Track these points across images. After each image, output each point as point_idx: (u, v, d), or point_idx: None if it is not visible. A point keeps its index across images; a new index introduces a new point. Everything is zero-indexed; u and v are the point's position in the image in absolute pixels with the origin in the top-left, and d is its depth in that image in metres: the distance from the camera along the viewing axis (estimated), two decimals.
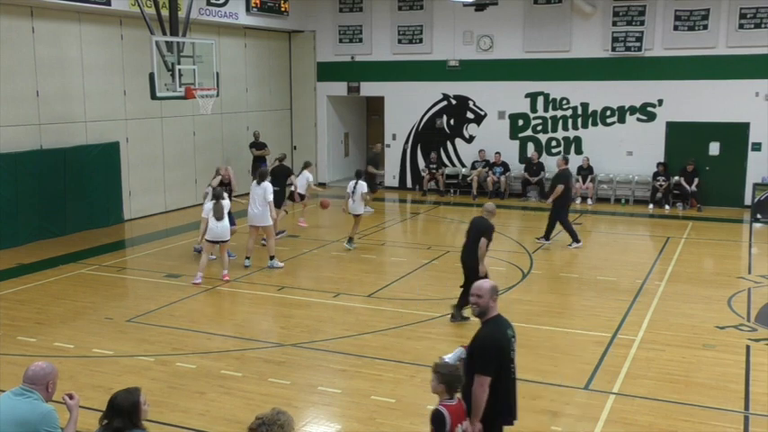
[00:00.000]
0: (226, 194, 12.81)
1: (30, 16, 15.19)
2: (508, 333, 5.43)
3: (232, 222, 13.22)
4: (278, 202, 14.95)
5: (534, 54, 20.63)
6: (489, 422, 5.31)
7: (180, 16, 14.62)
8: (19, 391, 4.73)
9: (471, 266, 9.95)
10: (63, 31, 15.92)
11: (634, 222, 18.31)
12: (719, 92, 18.89)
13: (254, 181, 13.60)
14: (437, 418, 4.95)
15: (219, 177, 14.10)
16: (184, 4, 14.99)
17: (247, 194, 13.99)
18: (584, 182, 20.08)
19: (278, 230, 15.05)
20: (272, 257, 13.39)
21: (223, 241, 12.44)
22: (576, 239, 14.71)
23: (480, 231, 9.96)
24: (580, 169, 20.18)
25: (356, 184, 15.15)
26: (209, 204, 12.42)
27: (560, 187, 14.60)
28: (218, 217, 12.19)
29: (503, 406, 5.38)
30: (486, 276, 9.39)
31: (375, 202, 21.27)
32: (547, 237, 14.88)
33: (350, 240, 14.83)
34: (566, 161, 15.26)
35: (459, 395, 5.10)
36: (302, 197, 16.61)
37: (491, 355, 5.24)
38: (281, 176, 15.81)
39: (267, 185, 13.27)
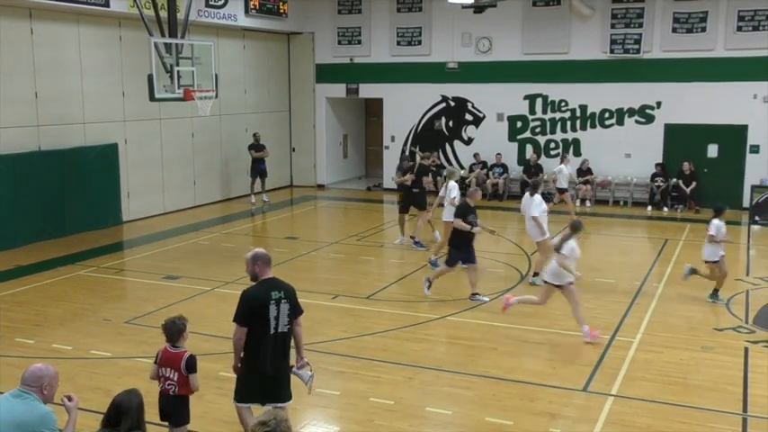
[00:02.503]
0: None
1: (28, 18, 15.19)
2: (272, 294, 6.18)
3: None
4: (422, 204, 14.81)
5: (533, 56, 20.65)
6: (245, 370, 6.33)
7: (179, 18, 14.61)
8: (17, 392, 4.72)
9: None
10: (61, 32, 15.92)
11: (632, 224, 18.32)
12: (718, 94, 18.91)
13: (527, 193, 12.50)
14: (190, 361, 6.08)
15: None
16: (183, 6, 14.98)
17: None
18: (582, 184, 20.10)
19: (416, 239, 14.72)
20: (536, 274, 12.23)
21: None
22: None
23: None
24: (579, 171, 20.20)
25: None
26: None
27: None
28: None
29: (255, 358, 6.22)
30: None
31: (373, 204, 21.28)
32: None
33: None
34: None
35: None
36: (561, 191, 17.24)
37: (240, 307, 6.21)
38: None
39: (536, 198, 12.16)
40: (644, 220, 18.47)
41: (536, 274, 12.12)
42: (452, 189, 13.42)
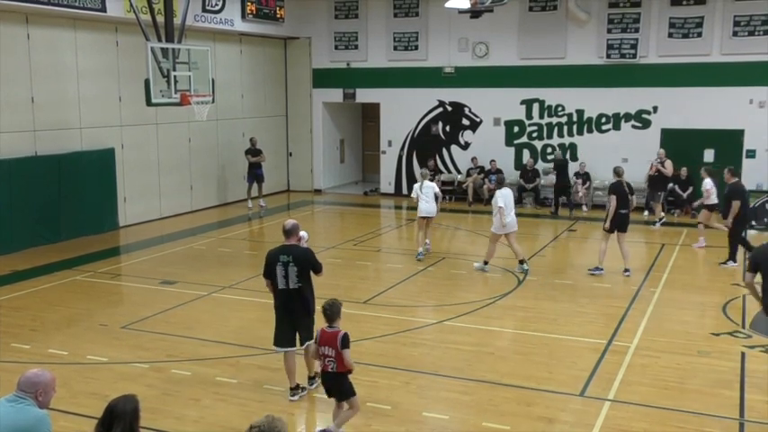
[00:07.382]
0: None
1: (25, 23, 15.18)
2: (281, 257, 7.67)
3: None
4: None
5: (529, 61, 20.69)
6: (275, 318, 8.00)
7: (175, 23, 14.63)
8: (12, 398, 4.72)
9: None
10: (58, 37, 15.92)
11: (629, 229, 18.26)
12: (714, 99, 18.95)
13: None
14: (345, 338, 6.95)
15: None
16: (180, 11, 15.00)
17: None
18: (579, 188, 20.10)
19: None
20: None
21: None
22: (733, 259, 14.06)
23: None
24: (577, 176, 20.21)
25: None
26: None
27: (736, 203, 13.92)
28: None
29: (277, 308, 7.92)
30: None
31: (370, 209, 21.28)
32: (733, 258, 14.10)
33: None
34: (731, 173, 14.33)
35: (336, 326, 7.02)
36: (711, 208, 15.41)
37: (266, 263, 7.84)
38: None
39: None
40: (641, 225, 18.45)
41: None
42: (434, 186, 14.59)
